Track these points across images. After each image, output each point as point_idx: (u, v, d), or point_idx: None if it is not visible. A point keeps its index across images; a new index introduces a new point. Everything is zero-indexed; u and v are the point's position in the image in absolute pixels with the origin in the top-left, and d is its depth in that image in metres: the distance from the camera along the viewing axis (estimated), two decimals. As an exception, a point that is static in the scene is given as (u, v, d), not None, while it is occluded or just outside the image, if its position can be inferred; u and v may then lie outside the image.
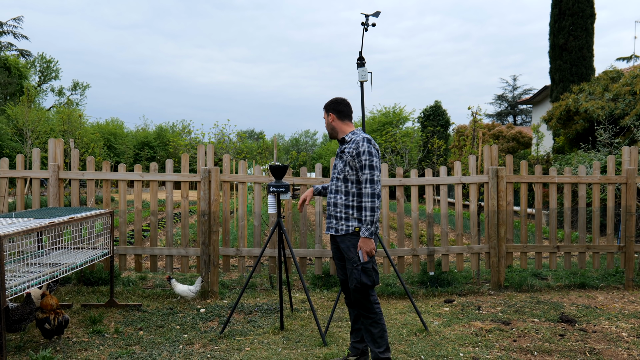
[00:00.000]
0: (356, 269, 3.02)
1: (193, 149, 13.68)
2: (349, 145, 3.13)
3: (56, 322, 3.52)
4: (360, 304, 3.09)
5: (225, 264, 5.24)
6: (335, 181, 3.17)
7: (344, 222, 3.12)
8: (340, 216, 3.13)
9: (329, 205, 3.20)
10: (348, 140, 3.18)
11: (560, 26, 15.87)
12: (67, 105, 19.68)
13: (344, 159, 3.15)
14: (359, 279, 3.01)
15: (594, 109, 12.04)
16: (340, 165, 3.17)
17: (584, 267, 5.53)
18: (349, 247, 3.09)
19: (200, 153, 5.16)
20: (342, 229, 3.12)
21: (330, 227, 3.22)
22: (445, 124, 24.34)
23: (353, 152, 3.09)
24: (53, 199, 5.03)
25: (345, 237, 3.11)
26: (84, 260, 4.02)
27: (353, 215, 3.10)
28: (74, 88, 39.32)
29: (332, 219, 3.19)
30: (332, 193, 3.20)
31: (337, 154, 3.27)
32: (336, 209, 3.15)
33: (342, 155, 3.17)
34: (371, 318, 3.07)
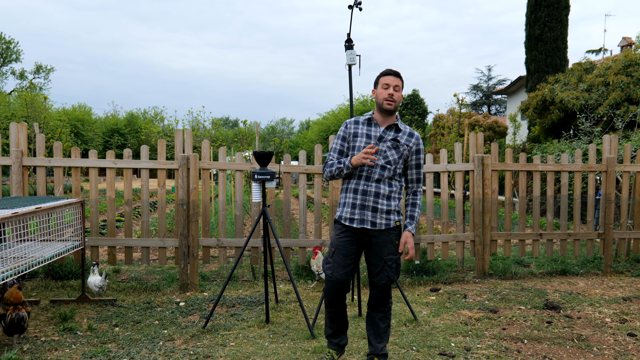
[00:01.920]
0: (390, 266, 2.82)
1: (167, 136, 13.23)
2: (406, 137, 2.87)
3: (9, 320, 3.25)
4: (382, 300, 2.90)
5: (205, 255, 5.04)
6: (381, 170, 2.82)
7: (384, 216, 2.82)
8: (382, 209, 2.82)
9: (366, 194, 2.81)
10: (402, 129, 2.90)
11: (536, 17, 16.06)
12: (29, 90, 18.71)
13: (400, 151, 2.85)
14: (392, 276, 2.84)
15: (569, 99, 12.25)
16: (394, 156, 2.84)
17: (565, 254, 5.58)
18: (385, 242, 2.83)
19: (178, 139, 4.90)
20: (382, 223, 2.82)
21: (363, 219, 2.83)
22: (423, 113, 24.50)
23: (413, 147, 2.89)
24: (17, 188, 4.69)
25: (383, 232, 2.83)
26: (52, 253, 3.74)
27: (395, 208, 2.87)
28: (37, 71, 37.61)
29: (367, 210, 2.82)
30: (372, 182, 2.82)
31: (380, 137, 2.86)
32: (377, 200, 2.81)
33: (398, 145, 2.85)
34: (387, 311, 2.94)
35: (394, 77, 2.86)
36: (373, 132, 2.88)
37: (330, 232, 5.02)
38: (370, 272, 2.90)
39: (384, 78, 2.88)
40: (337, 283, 2.83)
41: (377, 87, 2.93)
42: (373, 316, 2.95)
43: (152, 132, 15.65)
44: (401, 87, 2.90)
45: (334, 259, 2.85)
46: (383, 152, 2.84)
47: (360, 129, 2.91)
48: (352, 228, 2.84)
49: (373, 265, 2.86)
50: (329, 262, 2.87)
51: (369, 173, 2.83)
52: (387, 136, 2.87)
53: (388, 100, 2.83)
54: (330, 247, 2.91)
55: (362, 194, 2.82)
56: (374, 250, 2.84)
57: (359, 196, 2.83)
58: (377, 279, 2.85)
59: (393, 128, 2.90)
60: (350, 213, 2.84)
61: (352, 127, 2.94)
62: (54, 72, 37.68)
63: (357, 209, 2.83)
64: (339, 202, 2.97)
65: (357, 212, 2.82)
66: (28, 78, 36.93)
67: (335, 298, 2.90)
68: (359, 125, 2.93)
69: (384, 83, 2.86)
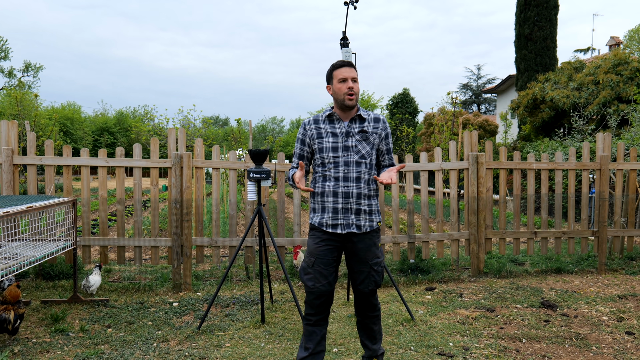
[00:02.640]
0: (377, 271, 2.65)
1: (157, 135, 13.09)
2: (372, 125, 2.69)
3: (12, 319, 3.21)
4: (371, 305, 2.72)
5: (199, 254, 4.98)
6: (357, 167, 2.62)
7: (367, 217, 2.65)
8: (365, 210, 2.63)
9: (348, 196, 2.60)
10: (366, 118, 2.70)
11: (526, 16, 16.17)
12: (18, 88, 18.42)
13: (370, 141, 2.67)
14: (379, 280, 2.67)
15: (559, 97, 12.34)
16: (366, 148, 2.66)
17: (559, 252, 5.60)
18: (369, 246, 2.64)
19: (171, 137, 4.83)
20: (367, 225, 2.64)
21: (349, 223, 2.61)
22: (414, 112, 24.52)
23: (382, 132, 2.72)
24: (7, 187, 4.59)
25: (367, 235, 2.64)
26: (43, 253, 3.66)
27: (376, 207, 2.70)
28: (26, 69, 37.09)
29: (351, 213, 2.61)
30: (352, 182, 2.61)
31: (347, 133, 2.67)
32: (360, 201, 2.61)
33: (367, 135, 2.66)
34: (377, 313, 2.77)
35: (348, 68, 2.66)
36: (338, 129, 2.68)
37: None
38: (354, 280, 2.68)
39: (338, 71, 2.67)
40: (321, 294, 2.62)
41: (332, 82, 2.71)
42: (365, 322, 2.78)
43: (142, 130, 15.47)
44: (357, 77, 2.71)
45: (315, 269, 2.61)
46: (354, 147, 2.65)
47: (323, 129, 2.69)
48: (336, 234, 2.62)
49: (357, 272, 2.66)
50: (309, 272, 2.63)
51: (346, 173, 2.63)
52: (353, 130, 2.67)
53: (349, 95, 2.63)
54: (308, 257, 2.66)
55: (343, 196, 2.61)
56: (358, 256, 2.64)
57: (341, 199, 2.61)
58: (363, 286, 2.66)
59: (357, 119, 2.70)
60: (332, 219, 2.61)
61: (313, 128, 2.72)
62: (43, 70, 37.15)
63: (340, 213, 2.61)
64: (313, 207, 2.71)
65: (340, 216, 2.61)
66: (17, 76, 36.40)
67: (319, 309, 2.66)
68: (320, 124, 2.71)
69: (340, 77, 2.65)
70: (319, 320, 2.68)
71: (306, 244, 5.03)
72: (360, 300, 2.73)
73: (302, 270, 2.68)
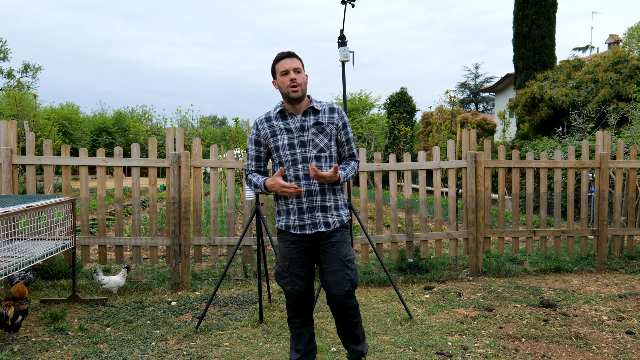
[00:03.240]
0: (351, 267, 2.50)
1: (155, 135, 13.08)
2: (328, 115, 2.55)
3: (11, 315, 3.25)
4: (347, 310, 2.53)
5: (197, 253, 4.97)
6: (317, 162, 2.51)
7: (334, 212, 2.54)
8: (331, 205, 2.53)
9: (312, 194, 2.49)
10: (320, 109, 2.56)
11: (524, 14, 16.16)
12: (17, 88, 18.40)
13: (327, 132, 2.53)
14: (354, 280, 2.51)
15: (558, 96, 12.34)
16: (324, 141, 2.53)
17: (559, 251, 5.60)
18: (341, 242, 2.51)
19: (169, 137, 4.82)
20: (335, 221, 2.53)
21: (316, 222, 2.50)
22: (411, 111, 24.51)
23: (339, 122, 2.58)
24: (6, 187, 4.58)
25: (338, 231, 2.53)
26: (43, 252, 3.66)
27: (342, 201, 2.59)
28: (25, 70, 37.00)
29: (317, 211, 2.50)
30: (313, 179, 2.47)
31: (302, 127, 2.53)
32: (325, 197, 2.50)
33: (323, 127, 2.53)
34: (357, 319, 2.60)
35: (289, 58, 2.52)
36: (292, 124, 2.54)
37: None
38: (328, 283, 2.50)
39: (279, 64, 2.53)
40: (301, 295, 2.55)
41: (276, 76, 2.57)
42: (346, 330, 2.61)
43: (141, 130, 15.45)
44: (302, 67, 2.55)
45: (290, 273, 2.53)
46: (311, 141, 2.51)
47: (276, 126, 2.56)
48: (305, 235, 2.52)
49: (331, 272, 2.49)
50: (285, 277, 2.55)
51: (306, 170, 2.49)
52: (308, 123, 2.53)
53: (292, 87, 2.48)
54: (281, 261, 2.57)
55: (306, 195, 2.49)
56: (330, 253, 2.50)
57: (304, 199, 2.49)
58: (338, 288, 2.46)
59: (311, 112, 2.56)
60: (299, 220, 2.51)
61: (266, 127, 2.58)
62: (41, 71, 37.10)
63: (305, 213, 2.50)
64: (278, 209, 2.59)
65: (306, 216, 2.50)
66: (16, 77, 36.30)
67: (301, 310, 2.60)
68: (273, 122, 2.58)
69: (281, 70, 2.52)
70: (304, 321, 2.63)
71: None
72: (336, 307, 2.53)
73: (278, 274, 2.59)
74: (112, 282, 4.38)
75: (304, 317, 2.63)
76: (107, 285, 4.36)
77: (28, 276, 4.22)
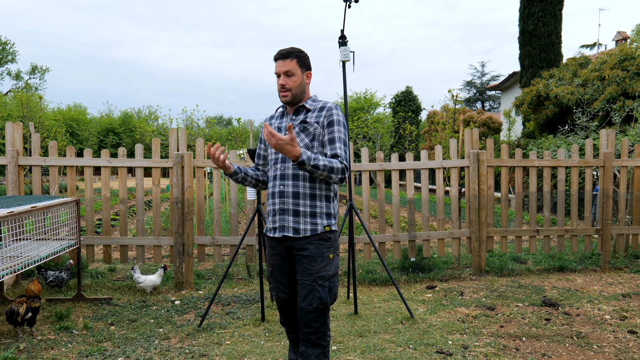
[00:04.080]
0: (322, 285, 2.30)
1: (161, 135, 13.16)
2: (316, 114, 2.40)
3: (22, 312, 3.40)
4: (313, 328, 2.34)
5: (200, 253, 5.01)
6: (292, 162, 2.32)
7: (308, 220, 2.32)
8: (305, 211, 2.32)
9: (282, 196, 2.33)
10: (310, 109, 2.43)
11: (530, 12, 16.07)
12: (25, 90, 18.60)
13: (310, 132, 2.36)
14: (324, 298, 2.31)
15: (564, 94, 12.26)
16: (305, 140, 2.36)
17: (562, 250, 5.58)
18: (315, 255, 2.30)
19: (172, 137, 4.87)
20: (307, 229, 2.32)
21: (284, 226, 2.33)
22: (417, 110, 24.47)
23: (324, 120, 2.37)
24: (12, 187, 4.65)
25: (311, 242, 2.31)
26: (48, 252, 3.71)
27: (321, 209, 2.34)
28: (33, 72, 37.40)
29: (286, 214, 2.33)
30: (287, 179, 2.34)
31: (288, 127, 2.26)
32: (298, 201, 2.32)
33: (305, 126, 2.38)
34: (323, 346, 2.38)
35: (282, 61, 2.37)
36: (283, 124, 2.47)
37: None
38: (298, 293, 2.36)
39: (275, 66, 2.42)
40: (285, 303, 2.48)
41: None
42: (308, 355, 2.35)
43: (147, 131, 15.57)
44: (297, 68, 2.38)
45: (274, 279, 2.47)
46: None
47: (274, 125, 2.52)
48: (276, 240, 2.38)
49: (301, 285, 2.33)
50: (271, 282, 2.50)
51: (282, 170, 2.36)
52: (295, 122, 2.42)
53: (282, 92, 2.38)
54: (268, 266, 2.52)
55: (279, 196, 2.35)
56: (302, 266, 2.32)
57: (277, 200, 2.35)
58: (306, 302, 2.30)
59: (302, 111, 2.43)
60: (272, 222, 2.38)
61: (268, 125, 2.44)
62: (49, 72, 37.50)
63: (277, 215, 2.36)
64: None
65: (277, 218, 2.36)
66: (24, 79, 36.71)
67: (287, 317, 2.54)
68: (273, 121, 2.54)
69: (275, 72, 2.42)
70: (293, 327, 2.57)
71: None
72: (303, 322, 2.35)
73: (267, 279, 2.56)
74: (148, 281, 4.47)
75: (292, 324, 2.56)
76: (143, 283, 4.47)
77: (61, 276, 4.34)
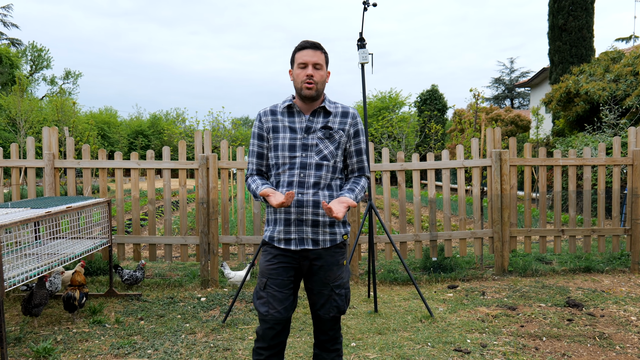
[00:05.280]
0: (339, 294, 2.25)
1: (188, 137, 13.51)
2: (339, 119, 2.25)
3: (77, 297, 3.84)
4: (329, 335, 2.32)
5: (225, 252, 5.16)
6: (317, 170, 2.20)
7: (328, 230, 2.21)
8: (323, 221, 2.19)
9: (300, 205, 2.17)
10: (332, 111, 2.25)
11: (560, 6, 15.68)
12: (59, 95, 19.41)
13: (335, 139, 2.22)
14: (341, 306, 2.26)
15: (595, 90, 11.92)
16: (330, 148, 2.21)
17: (589, 250, 5.48)
18: (331, 265, 2.22)
19: (198, 140, 5.04)
20: (326, 240, 2.21)
21: (303, 238, 2.19)
22: (442, 108, 24.21)
23: (351, 129, 2.26)
24: (49, 189, 4.92)
25: (327, 252, 2.22)
26: (82, 250, 3.93)
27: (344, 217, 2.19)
28: (66, 77, 38.82)
29: (306, 225, 2.18)
30: (308, 188, 2.18)
31: (308, 128, 2.22)
32: (316, 211, 2.17)
33: (331, 132, 2.22)
34: (339, 349, 2.37)
35: (312, 50, 2.20)
36: (297, 124, 2.23)
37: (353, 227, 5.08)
38: (313, 303, 2.29)
39: (300, 54, 2.21)
40: (276, 322, 2.18)
41: (293, 66, 2.26)
42: (323, 358, 2.36)
43: (174, 133, 15.99)
44: (324, 64, 2.23)
45: (268, 292, 2.19)
46: (314, 146, 2.20)
47: (280, 122, 2.25)
48: (289, 251, 2.21)
49: (317, 294, 2.25)
50: (262, 296, 2.21)
51: (302, 177, 2.19)
52: (315, 125, 2.22)
53: (308, 83, 2.17)
54: (260, 278, 2.25)
55: (297, 205, 2.17)
56: (318, 277, 2.23)
57: (294, 209, 2.18)
58: (323, 311, 2.25)
59: (321, 112, 2.24)
60: (284, 232, 2.20)
61: (270, 120, 2.27)
62: (81, 77, 38.83)
63: (293, 225, 2.19)
64: (267, 218, 2.32)
65: (293, 229, 2.19)
66: (58, 84, 38.15)
67: (273, 342, 2.22)
68: (278, 117, 2.26)
69: (300, 61, 2.20)
70: (272, 356, 2.24)
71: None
72: (318, 328, 2.33)
73: (255, 294, 2.26)
74: (237, 277, 4.70)
75: (274, 352, 2.25)
76: (233, 279, 4.71)
77: (136, 275, 4.63)
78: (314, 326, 2.37)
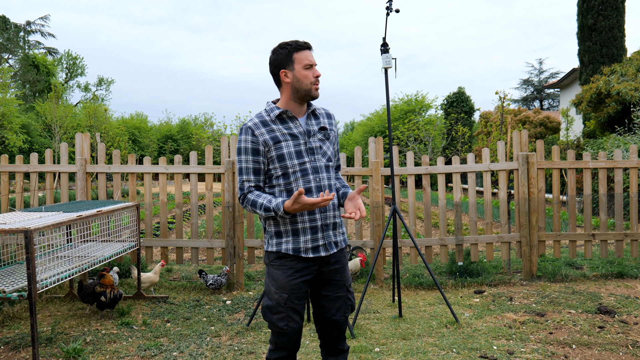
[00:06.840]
0: (350, 292, 2.31)
1: (216, 141, 13.75)
2: (328, 120, 2.29)
3: (111, 296, 4.01)
4: (342, 336, 2.34)
5: (250, 255, 5.23)
6: (327, 172, 2.21)
7: (340, 231, 2.27)
8: (339, 222, 2.26)
9: (324, 210, 2.17)
10: (319, 114, 2.28)
11: (589, 6, 15.27)
12: (92, 101, 20.06)
13: (331, 140, 2.27)
14: (353, 303, 2.32)
15: (627, 90, 11.54)
16: (330, 148, 2.25)
17: (621, 255, 5.30)
18: (344, 264, 2.27)
19: (224, 145, 5.13)
20: (341, 241, 2.27)
21: (330, 242, 2.19)
22: (469, 111, 23.85)
23: (336, 130, 2.32)
24: (81, 193, 5.09)
25: (342, 252, 2.28)
26: (112, 252, 4.05)
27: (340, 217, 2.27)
28: (99, 84, 40.09)
29: (329, 229, 2.19)
30: (324, 191, 2.19)
31: (308, 132, 2.20)
32: (334, 213, 2.22)
33: (327, 133, 2.25)
34: (347, 349, 2.41)
35: (310, 51, 2.20)
36: (295, 129, 2.18)
37: (372, 232, 5.07)
38: (328, 309, 2.25)
39: (302, 55, 2.16)
40: (295, 333, 2.18)
41: (291, 67, 2.15)
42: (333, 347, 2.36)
43: (203, 137, 16.28)
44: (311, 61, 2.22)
45: (287, 307, 2.13)
46: (319, 148, 2.21)
47: (277, 131, 2.16)
48: (314, 259, 2.17)
49: (333, 299, 2.23)
50: (280, 311, 2.14)
51: (318, 181, 2.16)
52: (312, 127, 2.21)
53: (317, 85, 2.18)
54: (278, 293, 2.14)
55: (321, 211, 2.15)
56: (336, 280, 2.23)
57: (319, 215, 2.15)
58: (339, 315, 2.25)
59: (312, 115, 2.25)
60: (312, 241, 2.15)
61: (265, 133, 2.15)
62: (114, 83, 40.05)
63: (320, 232, 2.16)
64: (277, 230, 2.19)
65: (320, 236, 2.16)
66: (91, 90, 39.45)
67: (293, 349, 2.25)
68: (272, 127, 2.17)
69: (305, 63, 2.15)
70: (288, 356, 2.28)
71: (354, 244, 5.14)
72: (332, 333, 2.31)
73: (269, 309, 2.17)
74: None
75: (293, 356, 2.31)
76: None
77: (220, 279, 4.78)
78: (324, 335, 2.34)
